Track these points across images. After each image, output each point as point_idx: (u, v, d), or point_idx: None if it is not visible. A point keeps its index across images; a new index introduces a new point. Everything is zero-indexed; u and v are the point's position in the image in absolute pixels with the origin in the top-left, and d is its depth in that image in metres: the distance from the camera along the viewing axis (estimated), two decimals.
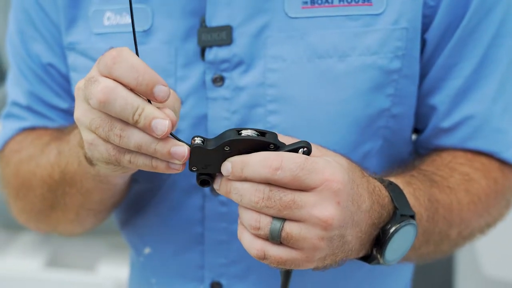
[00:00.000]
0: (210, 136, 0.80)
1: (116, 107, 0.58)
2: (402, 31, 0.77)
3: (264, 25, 0.77)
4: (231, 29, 0.77)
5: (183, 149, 0.60)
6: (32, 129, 0.92)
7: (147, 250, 0.91)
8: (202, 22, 0.78)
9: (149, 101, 0.60)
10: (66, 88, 0.90)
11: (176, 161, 0.61)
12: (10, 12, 0.93)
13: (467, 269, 1.81)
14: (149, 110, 0.58)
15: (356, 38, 0.76)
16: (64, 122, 0.90)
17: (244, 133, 0.61)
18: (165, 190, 0.84)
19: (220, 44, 0.78)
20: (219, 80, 0.79)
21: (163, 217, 0.86)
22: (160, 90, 0.58)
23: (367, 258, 0.70)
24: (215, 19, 0.77)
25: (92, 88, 0.59)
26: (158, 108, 0.59)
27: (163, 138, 0.59)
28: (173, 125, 0.59)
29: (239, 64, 0.78)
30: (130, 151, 0.61)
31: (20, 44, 0.90)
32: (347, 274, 0.88)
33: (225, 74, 0.79)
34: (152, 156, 0.61)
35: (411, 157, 0.89)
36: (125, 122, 0.59)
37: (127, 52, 0.58)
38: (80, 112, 0.62)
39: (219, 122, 0.80)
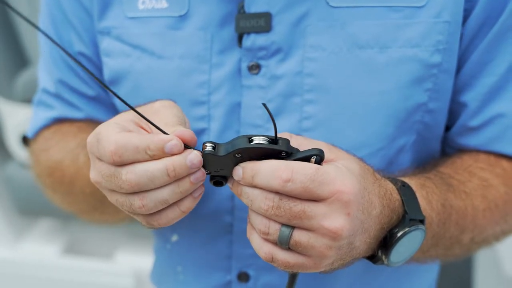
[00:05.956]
0: (243, 126, 0.79)
1: (142, 172, 0.60)
2: (444, 25, 0.76)
3: (304, 14, 0.76)
4: (270, 16, 0.76)
5: (201, 174, 0.61)
6: (59, 122, 0.93)
7: (174, 238, 0.91)
8: (241, 8, 0.77)
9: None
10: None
11: (194, 167, 0.62)
12: None
13: (487, 269, 1.80)
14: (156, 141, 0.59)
15: (397, 30, 0.75)
16: (90, 110, 0.91)
17: (256, 140, 0.60)
18: None
19: (258, 31, 0.77)
20: (255, 68, 0.78)
21: None
22: (170, 147, 0.59)
23: (372, 257, 0.70)
24: (254, 6, 0.76)
25: (118, 181, 0.60)
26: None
27: (181, 177, 0.60)
28: (185, 140, 0.61)
29: (277, 52, 0.77)
30: (158, 211, 0.63)
31: (52, 31, 0.90)
32: (374, 273, 0.88)
33: (261, 62, 0.78)
34: (177, 205, 0.63)
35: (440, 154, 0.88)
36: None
37: (121, 137, 0.60)
38: (107, 196, 0.65)
39: (253, 111, 0.79)
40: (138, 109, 0.68)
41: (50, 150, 0.90)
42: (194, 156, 0.59)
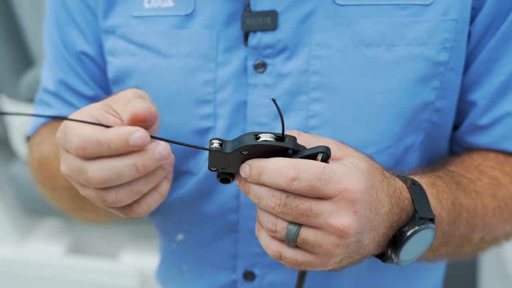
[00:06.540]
0: (249, 124, 0.79)
1: (109, 170, 0.58)
2: (451, 23, 0.75)
3: (310, 11, 0.76)
4: (276, 14, 0.76)
5: (171, 159, 0.60)
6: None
7: (180, 237, 0.91)
8: (247, 6, 0.77)
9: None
10: (94, 76, 0.90)
11: (164, 159, 0.60)
12: None
13: (492, 269, 1.79)
14: (116, 134, 0.57)
15: (404, 28, 0.75)
16: None
17: (263, 137, 0.60)
18: (201, 177, 0.83)
19: (264, 29, 0.76)
20: (261, 66, 0.78)
21: (199, 204, 0.85)
22: (134, 139, 0.57)
23: (382, 255, 0.70)
24: (260, 4, 0.76)
25: (85, 176, 0.59)
26: None
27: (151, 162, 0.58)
28: (148, 119, 0.59)
29: (283, 50, 0.77)
30: (136, 201, 0.62)
31: (56, 31, 0.90)
32: (382, 271, 0.88)
33: (267, 60, 0.77)
34: (155, 190, 0.62)
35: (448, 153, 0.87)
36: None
37: (85, 130, 0.58)
38: (79, 190, 0.63)
39: (259, 109, 0.79)
40: (108, 99, 0.65)
41: (41, 145, 0.90)
42: (162, 148, 0.58)
